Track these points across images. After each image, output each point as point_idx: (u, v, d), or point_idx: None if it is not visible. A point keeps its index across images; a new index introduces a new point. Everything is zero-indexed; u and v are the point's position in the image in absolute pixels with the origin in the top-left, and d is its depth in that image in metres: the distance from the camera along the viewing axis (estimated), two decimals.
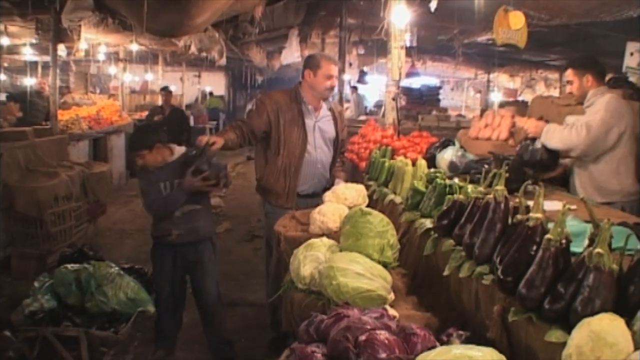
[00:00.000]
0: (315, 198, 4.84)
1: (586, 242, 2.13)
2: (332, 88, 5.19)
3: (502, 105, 12.30)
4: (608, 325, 1.79)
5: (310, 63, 5.11)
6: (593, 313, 1.87)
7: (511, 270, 2.27)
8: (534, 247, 2.24)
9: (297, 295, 3.09)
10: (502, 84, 21.35)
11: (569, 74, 4.78)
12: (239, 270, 7.71)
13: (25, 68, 14.41)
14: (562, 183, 4.81)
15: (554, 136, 4.50)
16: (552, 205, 3.10)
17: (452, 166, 4.74)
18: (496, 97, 19.53)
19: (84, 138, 11.90)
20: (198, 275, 4.97)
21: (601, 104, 4.48)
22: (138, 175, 4.93)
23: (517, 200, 2.65)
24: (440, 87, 15.58)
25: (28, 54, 13.22)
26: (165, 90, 13.74)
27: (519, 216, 2.50)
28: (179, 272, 4.96)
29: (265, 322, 5.38)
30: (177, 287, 5.00)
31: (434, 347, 2.01)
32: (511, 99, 16.37)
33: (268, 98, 5.12)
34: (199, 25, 6.42)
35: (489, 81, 21.05)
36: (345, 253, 3.01)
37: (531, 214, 2.35)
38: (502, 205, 2.63)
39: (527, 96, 18.17)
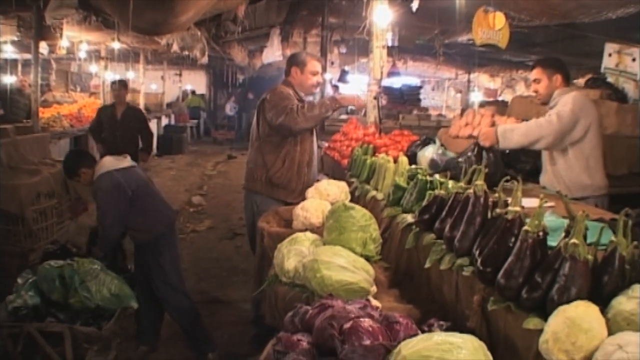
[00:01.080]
0: None
1: (562, 235, 2.20)
2: (317, 85, 5.29)
3: (482, 105, 12.38)
4: (583, 312, 1.86)
5: (297, 60, 5.20)
6: (569, 301, 1.94)
7: (490, 262, 2.33)
8: (512, 239, 2.31)
9: (281, 289, 3.13)
10: (483, 84, 21.48)
11: (537, 72, 4.78)
12: (220, 268, 7.74)
13: (5, 65, 14.30)
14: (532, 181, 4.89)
15: (514, 135, 4.52)
16: (531, 202, 3.17)
17: (433, 164, 4.80)
18: (477, 97, 19.67)
19: (65, 136, 11.89)
20: (148, 274, 5.11)
21: (569, 97, 4.55)
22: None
23: (496, 195, 2.72)
24: (421, 87, 15.64)
25: (9, 51, 13.12)
26: (118, 84, 9.80)
27: (498, 210, 2.57)
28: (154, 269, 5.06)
29: (248, 319, 5.41)
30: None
31: (416, 334, 2.07)
32: (491, 99, 16.47)
33: (287, 90, 5.14)
34: (183, 23, 6.43)
35: (469, 81, 21.15)
36: (328, 247, 3.06)
37: (509, 208, 2.42)
38: (482, 200, 2.70)
39: (507, 96, 18.26)
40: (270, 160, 5.13)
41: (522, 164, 5.16)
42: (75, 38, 11.38)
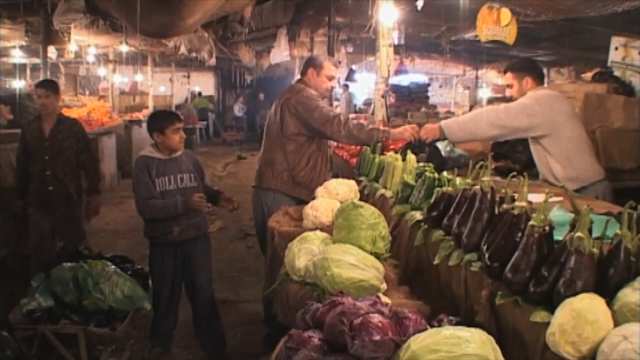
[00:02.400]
0: None
1: (568, 228, 2.23)
2: (331, 89, 5.35)
3: (490, 101, 12.38)
4: (589, 304, 1.89)
5: (314, 62, 5.28)
6: (575, 294, 1.96)
7: (498, 257, 2.36)
8: (519, 234, 2.33)
9: (292, 287, 3.16)
10: (491, 80, 21.42)
11: (508, 77, 4.84)
12: (232, 268, 7.79)
13: (14, 70, 14.40)
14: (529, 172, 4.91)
15: (458, 128, 4.64)
16: (538, 197, 3.19)
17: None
18: (485, 93, 19.63)
19: None
20: (194, 271, 5.01)
21: (530, 93, 4.63)
22: (134, 167, 5.00)
23: (503, 191, 2.75)
24: (428, 84, 15.60)
25: (17, 56, 13.21)
26: (43, 87, 6.58)
27: (504, 205, 2.59)
28: (179, 271, 5.01)
29: (260, 318, 5.45)
30: (176, 287, 5.06)
31: (425, 329, 2.10)
32: (500, 95, 16.45)
33: (311, 91, 5.19)
34: (190, 26, 6.48)
35: (477, 77, 21.14)
36: (338, 245, 3.09)
37: (516, 203, 2.45)
38: (489, 196, 2.72)
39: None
40: (294, 159, 5.15)
41: (519, 154, 5.20)
42: (83, 42, 11.47)
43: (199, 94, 27.88)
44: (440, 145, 5.02)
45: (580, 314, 1.85)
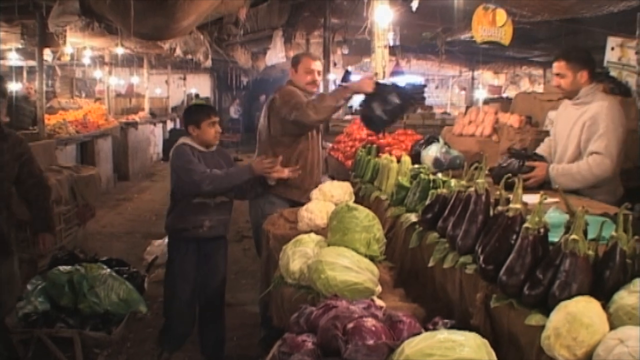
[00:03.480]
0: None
1: (563, 230, 2.22)
2: (313, 82, 5.26)
3: (486, 102, 12.41)
4: (584, 307, 1.87)
5: (293, 61, 5.34)
6: (570, 297, 1.95)
7: (492, 259, 2.34)
8: (514, 236, 2.31)
9: (287, 290, 3.15)
10: (487, 81, 21.49)
11: (561, 66, 4.42)
12: (229, 270, 7.70)
13: (10, 73, 14.36)
14: None
15: (568, 180, 4.25)
16: (534, 198, 3.18)
17: (437, 162, 4.82)
18: (481, 94, 19.69)
19: (72, 142, 11.94)
20: (210, 271, 4.92)
21: (608, 117, 4.27)
22: (176, 152, 4.75)
23: (498, 192, 2.73)
24: (425, 85, 15.55)
25: (13, 59, 13.19)
26: None
27: (499, 207, 2.58)
28: (199, 270, 4.89)
29: (256, 321, 5.43)
30: (195, 286, 4.92)
31: (419, 333, 2.09)
32: (496, 96, 16.53)
33: (294, 88, 5.17)
34: (185, 28, 6.47)
35: (473, 78, 21.19)
36: (333, 247, 3.07)
37: (511, 205, 2.44)
38: (483, 198, 2.71)
39: (511, 92, 18.28)
40: (283, 161, 5.05)
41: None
42: (79, 44, 11.45)
43: (196, 95, 27.87)
44: (435, 146, 5.00)
45: (576, 317, 1.84)
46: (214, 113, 4.85)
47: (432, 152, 4.89)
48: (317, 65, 5.30)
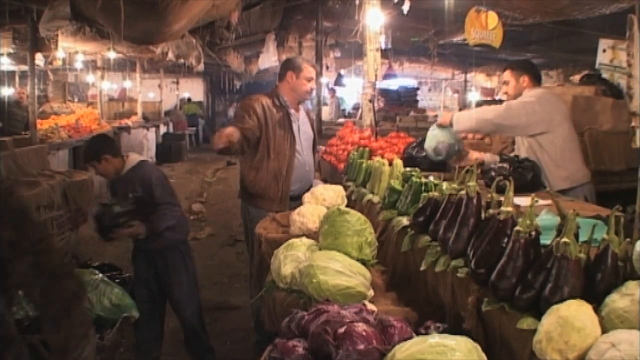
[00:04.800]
0: (300, 200, 4.86)
1: (554, 233, 2.20)
2: (311, 91, 5.27)
3: (479, 104, 12.40)
4: (575, 311, 1.86)
5: (293, 65, 5.18)
6: (562, 300, 1.93)
7: (484, 263, 2.33)
8: (505, 240, 2.30)
9: (279, 295, 3.14)
10: (480, 83, 21.48)
11: (507, 74, 4.99)
12: (222, 274, 7.76)
13: (2, 78, 14.33)
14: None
15: (465, 118, 4.80)
16: (526, 201, 3.18)
17: (437, 151, 4.86)
18: (474, 96, 19.66)
19: (64, 147, 11.91)
20: (169, 286, 4.98)
21: (529, 92, 4.78)
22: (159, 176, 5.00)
23: (489, 195, 2.72)
24: (417, 88, 15.68)
25: (5, 63, 13.16)
26: None
27: (490, 210, 2.57)
28: (155, 279, 4.99)
29: (250, 325, 5.42)
30: (156, 295, 5.02)
31: (410, 337, 2.08)
32: (489, 98, 16.50)
33: (255, 101, 5.06)
34: (176, 32, 6.44)
35: (466, 81, 21.21)
36: (324, 252, 3.07)
37: (502, 208, 2.42)
38: (475, 201, 2.70)
39: (504, 95, 18.25)
40: (245, 170, 5.16)
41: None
42: (71, 49, 11.41)
43: (189, 99, 27.87)
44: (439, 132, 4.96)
45: (567, 321, 1.82)
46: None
47: (439, 136, 4.93)
48: (315, 74, 5.34)
